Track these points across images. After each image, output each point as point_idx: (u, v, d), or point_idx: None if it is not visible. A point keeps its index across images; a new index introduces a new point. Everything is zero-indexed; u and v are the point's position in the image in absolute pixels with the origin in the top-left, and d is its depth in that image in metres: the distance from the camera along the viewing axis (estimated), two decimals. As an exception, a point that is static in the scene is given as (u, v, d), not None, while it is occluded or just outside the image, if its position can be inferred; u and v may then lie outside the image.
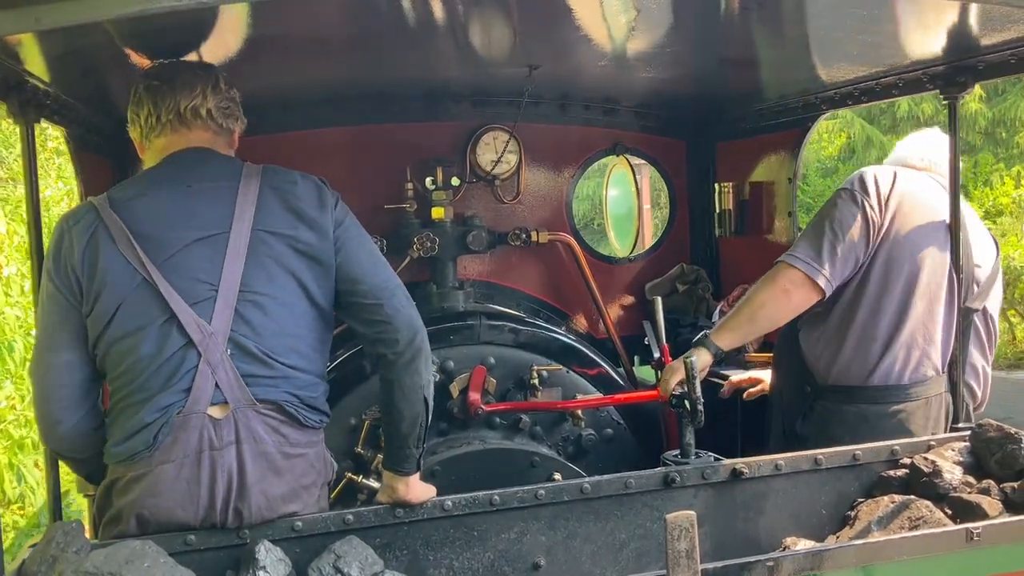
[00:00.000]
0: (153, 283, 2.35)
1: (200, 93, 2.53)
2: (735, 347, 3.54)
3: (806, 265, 3.27)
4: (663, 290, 4.88)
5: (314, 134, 4.51)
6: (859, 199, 3.31)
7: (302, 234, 2.48)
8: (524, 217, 4.81)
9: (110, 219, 2.39)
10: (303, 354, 2.49)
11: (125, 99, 2.55)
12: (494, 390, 3.80)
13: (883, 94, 3.65)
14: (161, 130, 2.54)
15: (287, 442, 2.44)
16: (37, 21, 1.60)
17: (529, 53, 3.56)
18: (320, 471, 2.57)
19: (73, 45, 2.34)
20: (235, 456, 2.37)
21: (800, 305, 3.33)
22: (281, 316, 2.44)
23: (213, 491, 2.37)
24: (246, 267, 2.40)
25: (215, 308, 2.37)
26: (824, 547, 2.30)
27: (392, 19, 2.75)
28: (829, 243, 3.28)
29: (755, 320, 3.35)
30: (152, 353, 2.35)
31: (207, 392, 2.35)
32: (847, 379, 3.37)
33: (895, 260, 3.30)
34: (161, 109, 2.51)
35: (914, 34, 3.05)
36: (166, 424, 2.33)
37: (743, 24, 3.17)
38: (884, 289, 3.32)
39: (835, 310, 3.39)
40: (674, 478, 2.70)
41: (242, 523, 2.40)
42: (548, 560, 2.62)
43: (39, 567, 2.11)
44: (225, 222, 2.41)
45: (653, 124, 4.97)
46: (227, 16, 2.50)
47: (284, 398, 2.43)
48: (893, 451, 2.86)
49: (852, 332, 3.35)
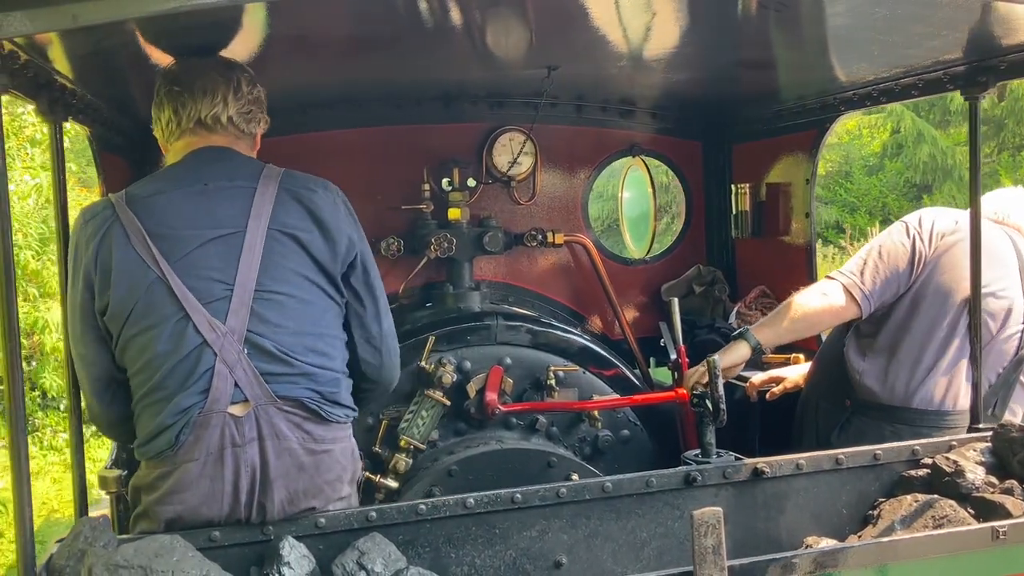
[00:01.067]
0: (166, 281, 2.35)
1: (221, 100, 2.54)
2: (773, 345, 3.69)
3: (847, 279, 3.47)
4: (679, 291, 4.88)
5: (332, 135, 4.53)
6: (911, 231, 3.48)
7: (316, 240, 2.49)
8: (540, 218, 4.82)
9: (125, 216, 2.40)
10: (322, 351, 2.50)
11: (146, 100, 2.57)
12: (511, 390, 3.80)
13: (902, 94, 3.65)
14: (181, 134, 2.56)
15: (311, 438, 2.45)
16: (74, 18, 1.62)
17: (548, 54, 3.57)
18: (346, 466, 2.57)
19: (99, 45, 2.36)
20: (258, 452, 2.39)
21: (838, 314, 3.50)
22: (298, 314, 2.45)
23: (237, 487, 2.38)
24: (262, 266, 2.40)
25: (230, 307, 2.37)
26: (850, 544, 2.30)
27: (411, 21, 2.76)
28: (873, 264, 3.46)
29: (794, 321, 3.52)
30: (168, 351, 2.36)
31: (226, 392, 2.36)
32: (890, 398, 3.46)
33: (947, 293, 3.40)
34: (182, 116, 2.53)
35: (934, 34, 3.04)
36: (187, 425, 2.34)
37: (761, 26, 3.17)
38: (935, 319, 3.42)
39: (884, 331, 3.51)
40: (695, 477, 2.70)
41: (266, 518, 2.42)
42: (569, 558, 2.62)
43: (67, 561, 2.13)
44: (241, 221, 2.42)
45: (669, 125, 4.98)
46: (247, 17, 2.51)
47: (305, 395, 2.44)
48: (914, 451, 2.85)
49: (900, 354, 3.45)
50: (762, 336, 3.56)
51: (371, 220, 4.54)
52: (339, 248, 2.53)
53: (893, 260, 3.46)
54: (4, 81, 1.98)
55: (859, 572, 2.14)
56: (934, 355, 3.42)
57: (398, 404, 3.73)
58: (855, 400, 3.55)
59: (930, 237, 3.45)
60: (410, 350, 3.77)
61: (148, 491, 2.41)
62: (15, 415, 2.07)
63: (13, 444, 2.06)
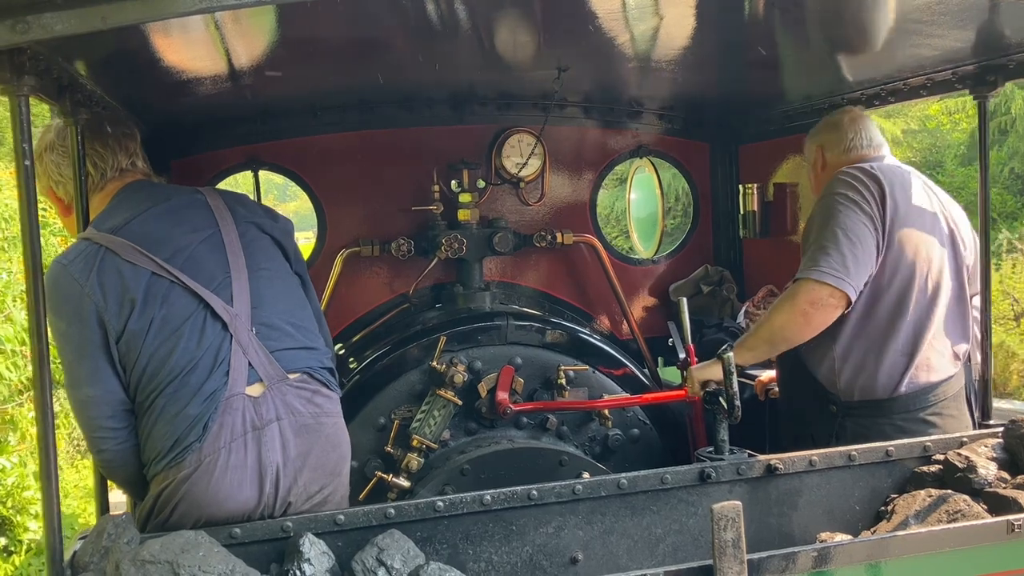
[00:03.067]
0: (180, 282, 2.48)
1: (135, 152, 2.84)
2: (752, 364, 3.54)
3: (835, 279, 3.15)
4: (687, 291, 4.90)
5: (342, 137, 4.56)
6: (859, 201, 3.22)
7: (268, 224, 2.79)
8: (548, 219, 4.84)
9: (114, 243, 2.48)
10: (309, 319, 2.75)
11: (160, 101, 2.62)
12: (522, 390, 3.83)
13: (911, 94, 3.67)
14: (107, 183, 2.76)
15: (321, 411, 2.61)
16: (103, 20, 1.64)
17: (558, 56, 3.60)
18: (346, 440, 2.75)
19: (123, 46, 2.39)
20: (278, 433, 2.49)
21: (822, 323, 3.22)
22: (286, 288, 2.72)
23: (261, 473, 2.45)
24: (245, 251, 2.63)
25: (233, 291, 2.54)
26: (867, 538, 2.31)
27: (421, 23, 2.78)
28: (850, 251, 3.17)
29: (774, 342, 3.33)
30: (192, 346, 2.45)
31: (243, 372, 2.48)
32: (874, 393, 3.30)
33: (901, 264, 3.25)
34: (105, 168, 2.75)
35: (943, 33, 3.06)
36: (215, 411, 2.41)
37: (769, 27, 3.19)
38: (899, 297, 3.25)
39: (843, 326, 3.28)
40: (710, 474, 2.72)
41: (290, 498, 2.50)
42: (585, 554, 2.64)
43: (91, 558, 2.15)
44: (211, 222, 2.66)
45: (677, 126, 5.00)
46: (260, 20, 2.53)
47: (311, 365, 2.62)
48: (926, 447, 2.87)
49: (872, 346, 3.28)
50: (741, 359, 3.28)
51: (381, 221, 4.58)
52: (288, 232, 2.86)
53: (860, 238, 3.17)
54: (31, 83, 2.00)
55: (875, 565, 2.16)
56: (910, 337, 3.25)
57: (410, 404, 3.76)
58: (839, 404, 3.38)
59: (876, 205, 3.21)
60: (421, 350, 3.81)
61: (169, 497, 2.44)
62: (43, 408, 2.09)
63: (40, 438, 2.08)
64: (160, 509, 2.45)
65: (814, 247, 3.25)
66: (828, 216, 3.26)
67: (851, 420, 3.35)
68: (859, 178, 3.28)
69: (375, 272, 4.67)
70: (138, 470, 2.53)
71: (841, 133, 3.55)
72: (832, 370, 3.36)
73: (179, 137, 4.27)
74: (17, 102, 2.00)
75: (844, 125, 3.55)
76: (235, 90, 3.53)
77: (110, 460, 2.54)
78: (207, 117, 4.22)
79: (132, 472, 2.54)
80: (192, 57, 2.90)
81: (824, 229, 3.24)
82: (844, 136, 3.54)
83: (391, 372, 3.80)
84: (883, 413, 3.30)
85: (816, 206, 3.39)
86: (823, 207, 3.31)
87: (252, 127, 4.41)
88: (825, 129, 3.64)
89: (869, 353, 3.30)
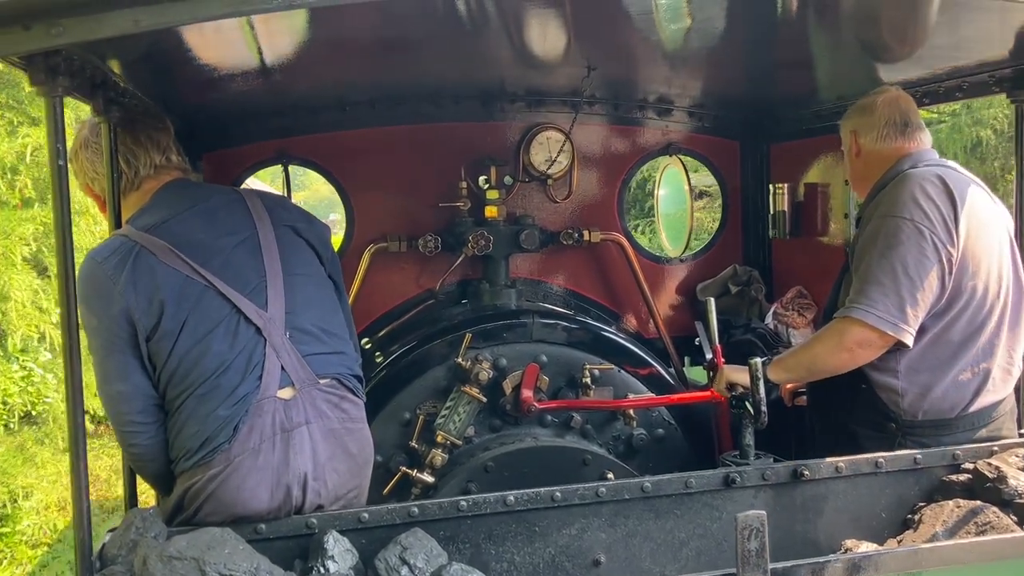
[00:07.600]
0: (213, 286, 2.50)
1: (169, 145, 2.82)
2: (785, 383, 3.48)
3: (891, 325, 2.95)
4: (715, 291, 4.86)
5: (370, 133, 4.57)
6: (926, 232, 2.98)
7: (307, 230, 2.81)
8: (575, 216, 4.82)
9: (151, 242, 2.50)
10: (341, 325, 2.76)
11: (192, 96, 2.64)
12: (546, 388, 3.82)
13: (945, 96, 3.61)
14: (142, 181, 2.75)
15: (348, 417, 2.64)
16: (136, 23, 1.66)
17: (588, 54, 3.58)
18: (372, 447, 2.77)
19: (155, 47, 2.41)
20: (307, 436, 2.52)
21: (868, 359, 3.07)
22: (319, 292, 2.73)
23: (288, 476, 2.47)
24: (281, 255, 2.64)
25: (267, 295, 2.56)
26: (893, 549, 2.29)
27: (451, 21, 2.78)
28: (909, 294, 2.95)
29: (813, 371, 3.24)
30: (224, 349, 2.47)
31: (275, 376, 2.50)
32: (940, 413, 3.12)
33: (975, 286, 3.08)
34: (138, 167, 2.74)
35: (980, 35, 3.01)
36: (245, 414, 2.43)
37: (802, 25, 3.15)
38: (971, 319, 3.09)
39: (908, 350, 3.08)
40: (735, 478, 2.70)
41: (318, 501, 2.53)
42: (608, 557, 2.64)
43: (119, 551, 2.19)
44: (249, 224, 2.66)
45: (707, 124, 4.96)
46: (291, 19, 2.55)
47: (340, 371, 2.65)
48: (955, 456, 2.84)
49: (941, 367, 3.10)
50: (775, 376, 3.24)
51: (409, 217, 4.59)
52: (324, 238, 2.87)
53: (922, 277, 2.95)
54: (65, 83, 2.03)
55: (901, 577, 2.14)
56: (980, 356, 3.10)
57: (435, 399, 3.78)
58: (899, 422, 3.15)
59: (947, 231, 2.99)
60: (447, 346, 3.81)
61: (196, 495, 2.46)
62: (73, 403, 2.12)
63: (71, 430, 2.11)
64: (186, 506, 2.48)
65: (871, 280, 3.03)
66: (890, 244, 3.01)
67: (912, 439, 3.14)
68: (930, 197, 3.03)
69: (402, 267, 4.68)
70: (166, 465, 2.56)
71: (875, 117, 3.33)
72: (895, 390, 3.15)
73: (210, 131, 4.31)
74: (52, 102, 2.03)
75: (878, 107, 3.33)
76: (266, 85, 3.55)
77: (140, 455, 2.57)
78: (238, 112, 4.25)
79: (160, 466, 2.57)
80: (224, 54, 2.93)
81: (883, 259, 3.01)
82: (878, 120, 3.33)
83: (417, 367, 3.81)
84: (948, 431, 3.11)
85: (878, 220, 3.11)
86: (887, 229, 3.04)
87: (282, 122, 4.43)
88: (857, 112, 3.43)
89: (937, 374, 3.11)
